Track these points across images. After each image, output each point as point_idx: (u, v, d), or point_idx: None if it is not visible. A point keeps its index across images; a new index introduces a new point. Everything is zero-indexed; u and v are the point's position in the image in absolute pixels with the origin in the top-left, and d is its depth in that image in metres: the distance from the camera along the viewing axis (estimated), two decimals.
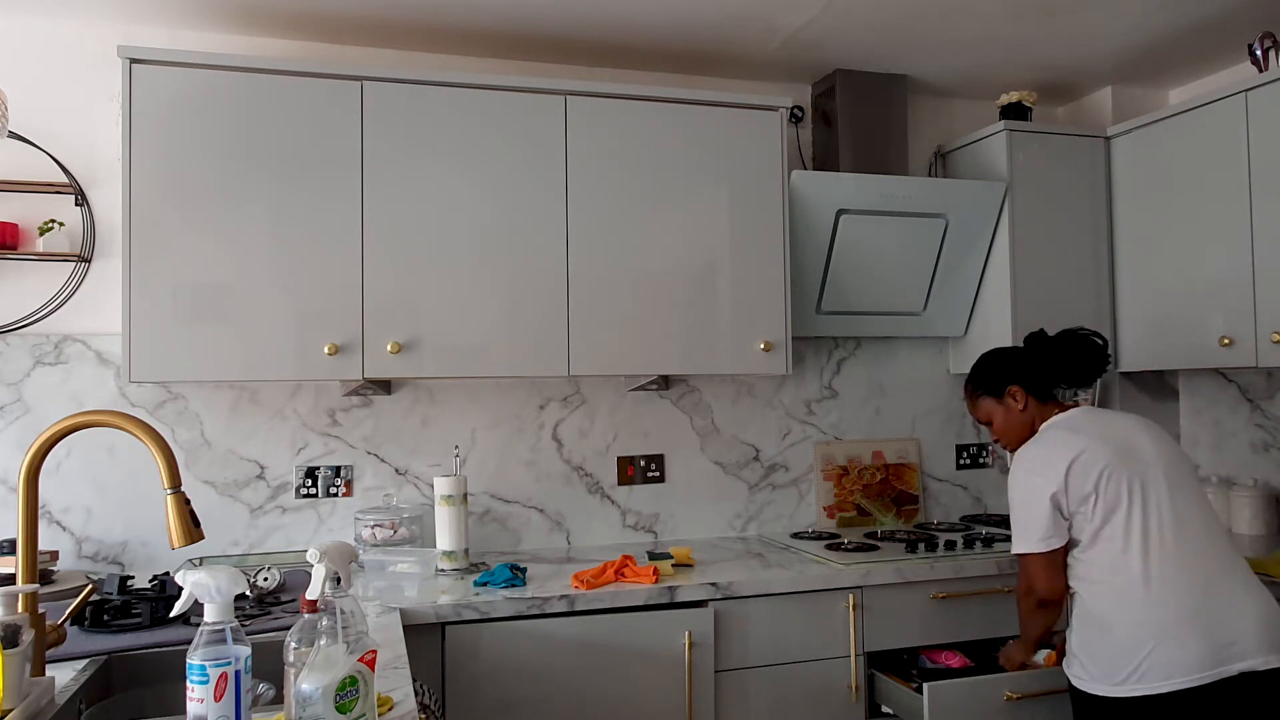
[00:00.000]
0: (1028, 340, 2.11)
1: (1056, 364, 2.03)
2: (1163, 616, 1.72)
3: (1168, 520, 1.77)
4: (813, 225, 2.63)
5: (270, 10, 2.36)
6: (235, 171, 2.16)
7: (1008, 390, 2.04)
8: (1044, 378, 2.03)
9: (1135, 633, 1.73)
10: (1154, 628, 1.71)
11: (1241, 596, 1.73)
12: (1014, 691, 2.10)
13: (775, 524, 2.90)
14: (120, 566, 2.38)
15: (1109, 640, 1.76)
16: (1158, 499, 1.79)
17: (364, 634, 1.21)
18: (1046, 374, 2.03)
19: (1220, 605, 1.72)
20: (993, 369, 2.08)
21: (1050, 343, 2.06)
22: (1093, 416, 1.94)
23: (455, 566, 2.30)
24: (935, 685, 2.07)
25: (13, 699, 1.21)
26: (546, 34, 2.55)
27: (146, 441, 1.34)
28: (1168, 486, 1.80)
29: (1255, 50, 2.52)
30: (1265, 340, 2.38)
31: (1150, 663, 1.70)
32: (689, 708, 2.10)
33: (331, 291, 2.20)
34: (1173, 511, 1.78)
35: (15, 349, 2.33)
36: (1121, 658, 1.74)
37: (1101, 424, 1.90)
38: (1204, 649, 1.69)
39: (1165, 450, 1.85)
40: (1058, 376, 2.04)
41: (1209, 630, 1.70)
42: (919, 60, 2.80)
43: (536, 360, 2.34)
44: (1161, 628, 1.71)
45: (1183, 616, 1.71)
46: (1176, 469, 1.83)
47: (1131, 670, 1.72)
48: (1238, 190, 2.45)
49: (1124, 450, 1.83)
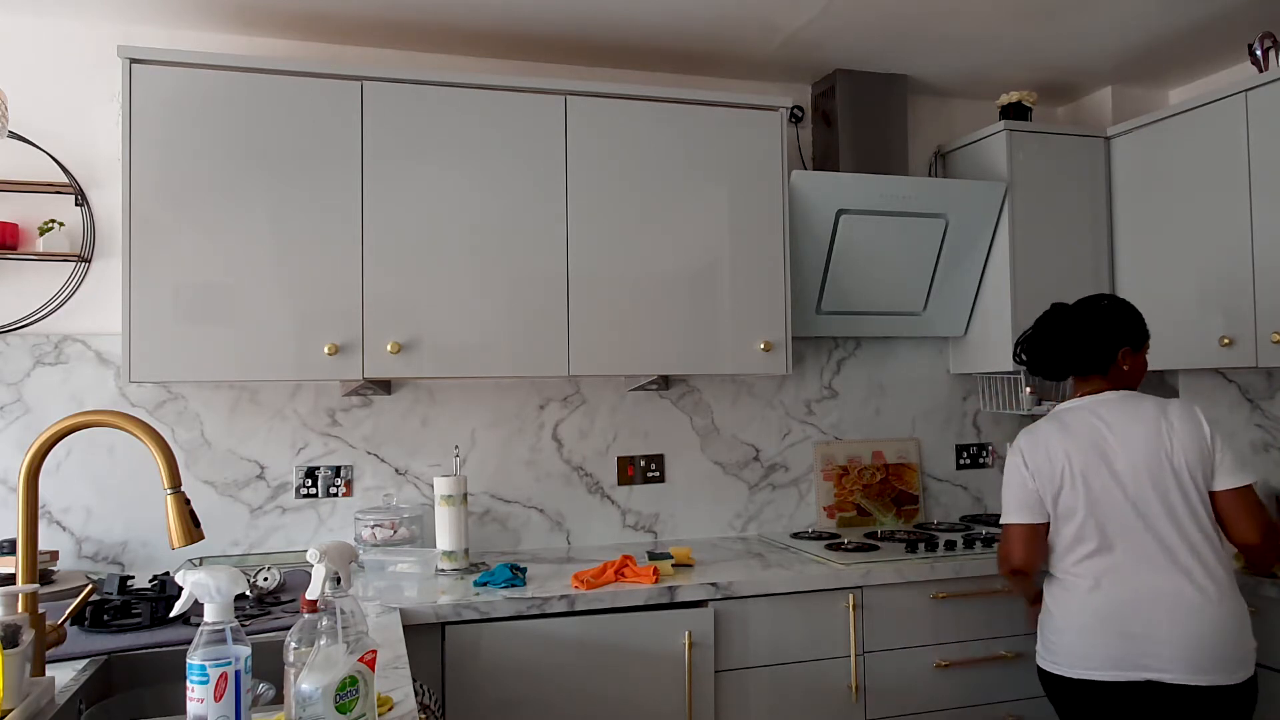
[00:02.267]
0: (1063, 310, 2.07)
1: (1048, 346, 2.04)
2: (1093, 614, 1.85)
3: (1132, 529, 1.84)
4: (813, 225, 2.63)
5: (270, 10, 2.36)
6: (235, 171, 2.16)
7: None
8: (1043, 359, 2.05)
9: (1064, 622, 1.90)
10: (1081, 620, 1.86)
11: (1183, 614, 1.78)
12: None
13: (775, 524, 2.90)
14: (120, 566, 2.38)
15: (1049, 622, 1.95)
16: (1124, 510, 1.85)
17: (364, 634, 1.21)
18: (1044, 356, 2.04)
19: (1153, 616, 1.80)
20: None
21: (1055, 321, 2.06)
22: (1106, 408, 1.94)
23: (455, 566, 2.30)
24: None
25: (13, 699, 1.21)
26: (546, 34, 2.55)
27: (146, 441, 1.34)
28: (1138, 497, 1.85)
29: (1255, 50, 2.52)
30: (1265, 340, 2.38)
31: (1069, 648, 1.88)
32: (689, 708, 2.10)
33: (331, 291, 2.21)
34: (1139, 521, 1.84)
35: (15, 349, 2.33)
36: (1053, 638, 1.92)
37: (1103, 421, 1.91)
38: (1118, 650, 1.82)
39: (1154, 458, 1.85)
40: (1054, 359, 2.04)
41: (1129, 634, 1.81)
42: (919, 60, 2.80)
43: (536, 360, 2.34)
44: (1086, 622, 1.85)
45: (1110, 618, 1.83)
46: (1161, 478, 1.84)
47: (1056, 650, 1.91)
48: (1238, 190, 2.45)
49: (1101, 457, 1.88)
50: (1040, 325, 2.06)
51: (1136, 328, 2.00)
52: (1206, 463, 1.85)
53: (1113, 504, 1.86)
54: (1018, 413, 2.98)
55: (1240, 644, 1.79)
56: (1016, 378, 2.92)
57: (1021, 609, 2.32)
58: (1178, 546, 1.82)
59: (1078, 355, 1.99)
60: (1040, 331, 2.05)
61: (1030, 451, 1.96)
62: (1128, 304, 2.03)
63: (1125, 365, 1.98)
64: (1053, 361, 2.03)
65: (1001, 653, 2.36)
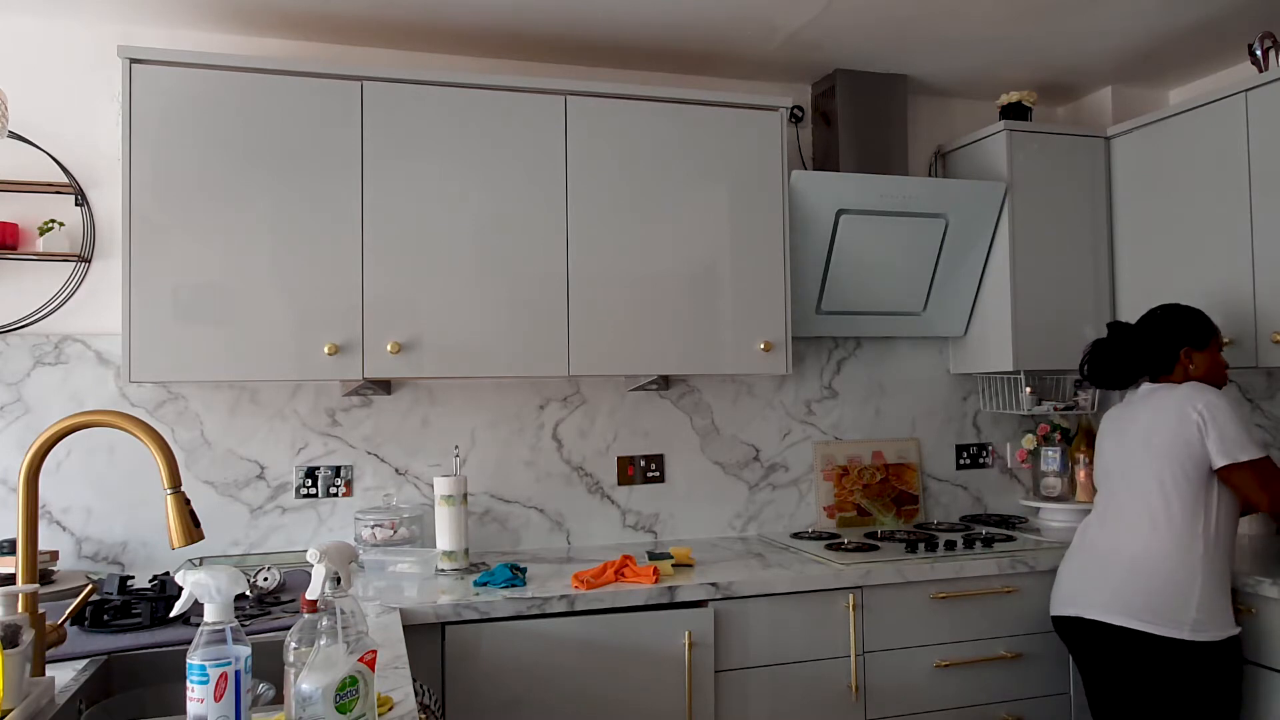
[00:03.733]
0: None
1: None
2: (1070, 557, 2.26)
3: (1118, 495, 2.17)
4: (813, 225, 2.63)
5: (270, 10, 2.36)
6: (235, 171, 2.16)
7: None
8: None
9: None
10: (1065, 563, 2.27)
11: (1122, 563, 2.10)
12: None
13: (775, 524, 2.90)
14: (120, 566, 2.38)
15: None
16: (1115, 481, 2.19)
17: (364, 634, 1.21)
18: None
19: (1101, 563, 2.14)
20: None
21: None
22: (1133, 401, 2.23)
23: (455, 566, 2.30)
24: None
25: (13, 699, 1.21)
26: (546, 34, 2.55)
27: (146, 441, 1.34)
28: (1126, 471, 2.16)
29: (1255, 50, 2.52)
30: (1265, 340, 2.38)
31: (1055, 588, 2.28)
32: (689, 708, 2.10)
33: (331, 291, 2.21)
34: (1127, 491, 2.15)
35: (15, 349, 2.33)
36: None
37: (1131, 411, 2.20)
38: (1070, 589, 2.20)
39: (1151, 440, 2.11)
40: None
41: (1082, 576, 2.18)
42: (919, 60, 2.80)
43: (536, 360, 2.34)
44: (1065, 564, 2.27)
45: (1079, 562, 2.21)
46: (1153, 458, 2.10)
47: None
48: (1238, 190, 2.45)
49: (1120, 437, 2.20)
50: (1100, 341, 2.30)
51: (1194, 326, 2.19)
52: (1195, 444, 2.05)
53: (1119, 466, 2.18)
54: (1018, 413, 2.98)
55: (1164, 597, 2.03)
56: (1016, 378, 2.92)
57: (1015, 606, 2.37)
58: (1145, 509, 2.10)
59: (1138, 358, 2.22)
60: (1101, 344, 2.29)
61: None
62: (1185, 306, 2.23)
63: (1191, 364, 2.18)
64: (1115, 368, 2.25)
65: (1001, 653, 2.36)
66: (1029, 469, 3.08)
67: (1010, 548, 2.47)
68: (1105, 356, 2.26)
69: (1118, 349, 2.25)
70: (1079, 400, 2.95)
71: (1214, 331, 2.19)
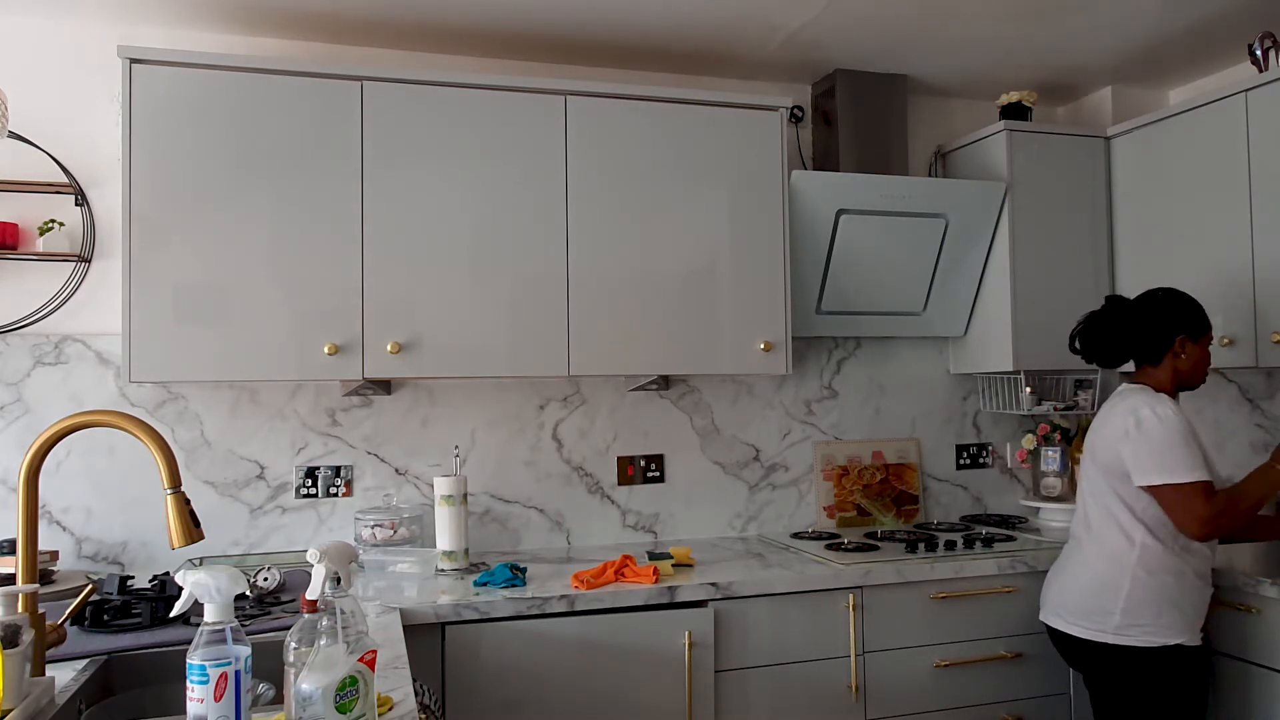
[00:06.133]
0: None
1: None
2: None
3: (1084, 502, 2.17)
4: (813, 225, 2.63)
5: (270, 10, 2.36)
6: (235, 171, 2.16)
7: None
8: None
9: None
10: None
11: (1072, 568, 2.15)
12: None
13: (775, 524, 2.90)
14: (120, 566, 2.38)
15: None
16: (1082, 486, 2.20)
17: (364, 634, 1.21)
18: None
19: (1058, 568, 2.21)
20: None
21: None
22: (1110, 400, 2.17)
23: (455, 566, 2.30)
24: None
25: (13, 699, 1.21)
26: (546, 34, 2.55)
27: (146, 441, 1.34)
28: (1084, 475, 2.19)
29: (1255, 50, 2.52)
30: (1265, 340, 2.38)
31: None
32: (689, 708, 2.10)
33: (331, 291, 2.21)
34: (1089, 495, 2.15)
35: (15, 349, 2.33)
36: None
37: (1101, 413, 2.17)
38: (1042, 594, 2.25)
39: (1095, 448, 2.12)
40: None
41: (1048, 581, 2.24)
42: (919, 60, 2.80)
43: (536, 360, 2.34)
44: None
45: (1054, 566, 2.25)
46: (1095, 466, 2.12)
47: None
48: (1238, 190, 2.45)
49: (1089, 439, 2.18)
50: (1096, 312, 2.20)
51: (1194, 316, 2.11)
52: (1125, 456, 2.02)
53: (1085, 472, 2.19)
54: (1018, 413, 2.98)
55: (1088, 600, 2.06)
56: (1016, 378, 2.92)
57: (1015, 606, 2.37)
58: (1098, 514, 2.10)
59: (1131, 337, 2.13)
60: (1096, 316, 2.19)
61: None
62: (1187, 295, 2.14)
63: (1183, 353, 2.10)
64: (1106, 343, 2.16)
65: (1001, 653, 2.36)
66: (1029, 469, 3.07)
67: (1010, 548, 2.47)
68: (1098, 330, 2.17)
69: (1112, 324, 2.15)
70: (1079, 400, 2.96)
71: (1210, 326, 2.15)
